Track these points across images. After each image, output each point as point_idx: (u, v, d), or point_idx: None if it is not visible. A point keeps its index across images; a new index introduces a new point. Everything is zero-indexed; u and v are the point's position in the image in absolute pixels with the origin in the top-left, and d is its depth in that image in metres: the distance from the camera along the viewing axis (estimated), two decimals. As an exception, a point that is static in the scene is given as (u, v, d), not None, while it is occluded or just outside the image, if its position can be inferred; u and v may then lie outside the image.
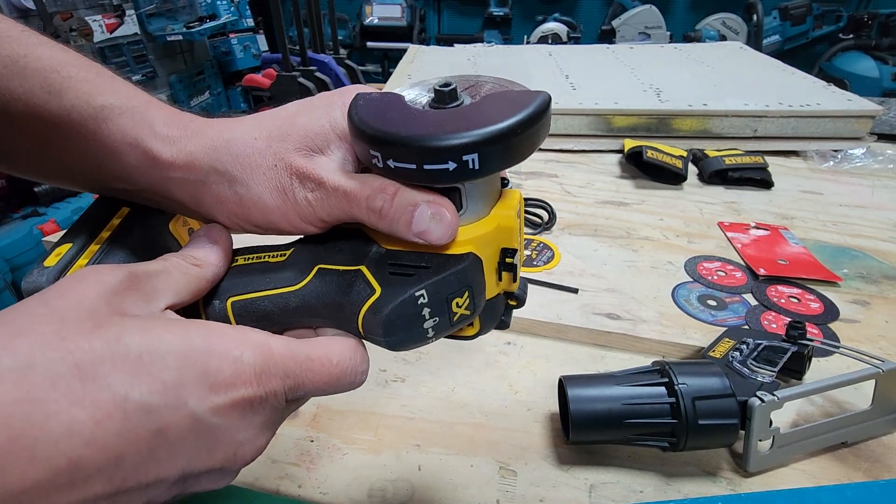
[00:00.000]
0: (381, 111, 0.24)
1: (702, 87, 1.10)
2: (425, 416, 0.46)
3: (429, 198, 0.23)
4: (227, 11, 3.11)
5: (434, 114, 0.23)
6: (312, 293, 0.26)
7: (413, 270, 0.24)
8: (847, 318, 0.58)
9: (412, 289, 0.24)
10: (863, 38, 2.96)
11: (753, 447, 0.40)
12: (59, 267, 0.26)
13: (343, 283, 0.25)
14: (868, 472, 0.41)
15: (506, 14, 3.56)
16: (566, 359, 0.53)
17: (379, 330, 0.24)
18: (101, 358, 0.18)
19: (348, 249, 0.26)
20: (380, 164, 0.23)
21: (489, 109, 0.23)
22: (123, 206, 0.28)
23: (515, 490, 0.40)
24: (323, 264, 0.26)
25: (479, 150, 0.21)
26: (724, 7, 3.30)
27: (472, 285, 0.25)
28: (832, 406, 0.47)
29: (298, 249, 0.27)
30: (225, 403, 0.20)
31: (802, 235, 0.73)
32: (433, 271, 0.24)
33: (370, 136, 0.22)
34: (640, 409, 0.39)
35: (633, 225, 0.76)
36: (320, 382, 0.23)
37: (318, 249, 0.27)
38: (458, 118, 0.22)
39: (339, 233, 0.27)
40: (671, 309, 0.59)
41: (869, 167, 0.95)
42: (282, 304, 0.26)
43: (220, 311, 0.26)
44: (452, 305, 0.25)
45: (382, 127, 0.22)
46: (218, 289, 0.26)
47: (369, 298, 0.24)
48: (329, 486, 0.40)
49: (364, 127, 0.23)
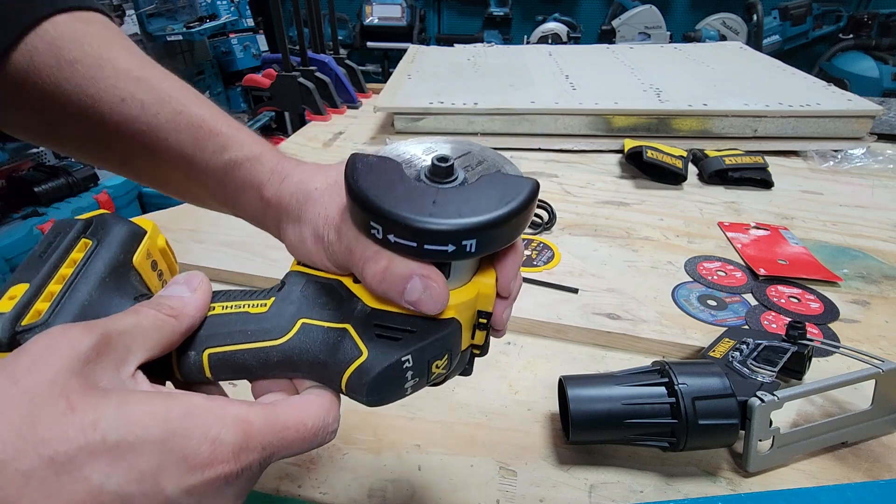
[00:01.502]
0: (381, 182, 0.24)
1: (702, 87, 1.10)
2: (425, 416, 0.46)
3: (422, 271, 0.24)
4: (227, 11, 3.11)
5: (433, 192, 0.24)
6: (295, 349, 0.25)
7: (400, 334, 0.25)
8: (847, 318, 0.58)
9: (399, 354, 0.24)
10: (863, 38, 2.96)
11: (753, 447, 0.40)
12: (14, 314, 0.23)
13: (328, 341, 0.25)
14: (868, 472, 0.41)
15: (506, 14, 3.56)
16: (566, 359, 0.53)
17: (363, 391, 0.25)
18: (77, 448, 0.17)
19: (332, 304, 0.26)
20: (379, 236, 0.23)
21: (486, 194, 0.24)
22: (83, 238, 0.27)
23: (515, 490, 0.40)
24: (307, 318, 0.26)
25: (477, 235, 0.23)
26: (724, 7, 3.30)
27: (452, 348, 0.26)
28: (832, 406, 0.47)
29: (280, 300, 0.26)
30: (201, 483, 0.20)
31: (802, 235, 0.73)
32: (418, 336, 0.25)
33: (373, 210, 0.23)
34: (640, 409, 0.39)
35: (633, 225, 0.76)
36: (294, 447, 0.23)
37: (300, 301, 0.26)
38: (457, 201, 0.23)
39: (321, 285, 0.27)
40: (671, 309, 0.59)
41: (869, 167, 0.95)
42: (262, 357, 0.25)
43: (195, 363, 0.25)
44: (433, 367, 0.26)
45: (385, 203, 0.23)
46: (194, 339, 0.25)
47: (356, 360, 0.25)
48: (329, 486, 0.40)
49: (366, 199, 0.23)
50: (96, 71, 0.29)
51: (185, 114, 0.30)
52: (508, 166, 0.26)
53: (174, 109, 0.30)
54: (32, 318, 0.23)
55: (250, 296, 0.27)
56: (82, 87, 0.29)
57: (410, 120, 1.04)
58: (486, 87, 1.12)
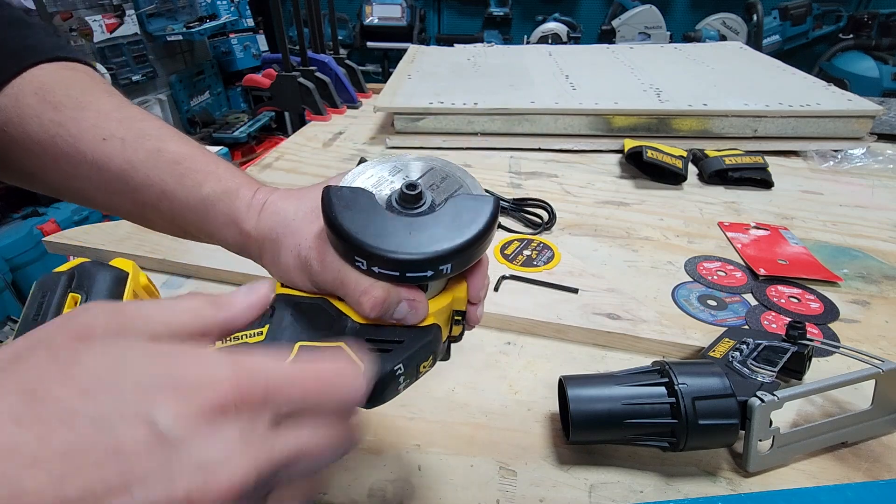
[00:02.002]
0: (358, 216, 0.27)
1: (702, 87, 1.10)
2: (425, 416, 0.46)
3: (408, 296, 0.27)
4: (227, 11, 3.11)
5: (407, 222, 0.27)
6: None
7: (390, 346, 0.28)
8: (847, 318, 0.58)
9: (392, 364, 0.27)
10: (863, 38, 2.96)
11: (753, 447, 0.40)
12: None
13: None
14: (868, 472, 0.41)
15: (506, 14, 3.56)
16: (566, 359, 0.53)
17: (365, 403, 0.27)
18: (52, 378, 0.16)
19: (323, 324, 0.28)
20: (363, 267, 0.26)
21: (455, 219, 0.27)
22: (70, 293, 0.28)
23: (515, 490, 0.40)
24: (304, 342, 0.27)
25: (451, 260, 0.26)
26: (724, 7, 3.30)
27: (435, 350, 0.29)
28: (832, 406, 0.47)
29: (274, 326, 0.28)
30: (191, 411, 0.17)
31: (802, 235, 0.73)
32: (406, 346, 0.28)
33: (357, 248, 0.26)
34: (640, 409, 0.39)
35: (633, 225, 0.76)
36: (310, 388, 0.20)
37: (294, 326, 0.28)
38: (430, 229, 0.27)
39: (308, 306, 0.29)
40: (671, 309, 0.59)
41: (869, 167, 0.95)
42: None
43: None
44: (420, 368, 0.29)
45: (367, 239, 0.26)
46: None
47: None
48: (329, 485, 0.40)
49: (349, 237, 0.26)
50: (79, 112, 0.30)
51: (163, 150, 0.31)
52: (469, 181, 0.30)
53: (153, 147, 0.31)
54: None
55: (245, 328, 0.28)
56: (66, 128, 0.30)
57: (410, 120, 1.04)
58: (486, 87, 1.12)
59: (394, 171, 0.30)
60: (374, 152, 1.02)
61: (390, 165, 0.30)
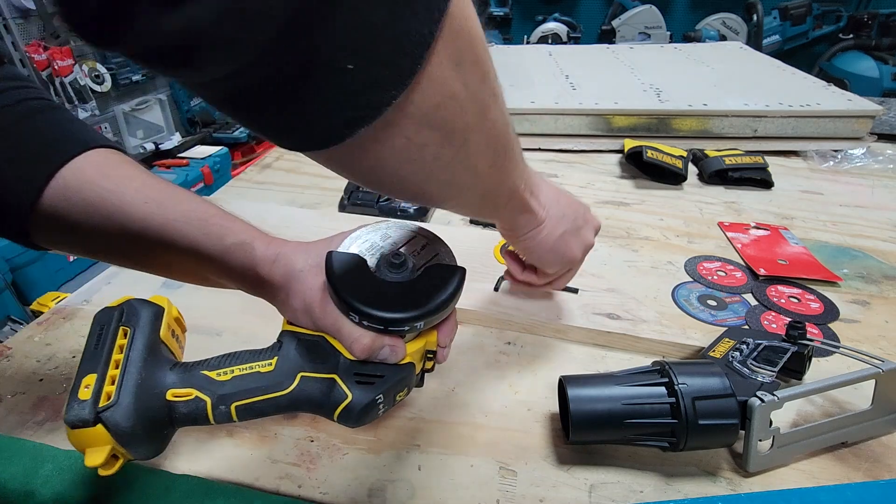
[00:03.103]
0: (353, 281, 0.34)
1: (702, 87, 1.10)
2: (425, 416, 0.46)
3: (389, 342, 0.35)
4: (227, 11, 3.11)
5: (393, 287, 0.35)
6: (299, 395, 0.35)
7: (373, 379, 0.35)
8: (847, 318, 0.58)
9: (374, 394, 0.34)
10: (863, 37, 2.96)
11: (753, 447, 0.40)
12: (93, 400, 0.31)
13: (322, 388, 0.35)
14: (868, 472, 0.41)
15: (506, 14, 3.56)
16: (566, 359, 0.53)
17: (350, 422, 0.35)
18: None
19: (320, 358, 0.35)
20: (356, 320, 0.34)
21: (428, 286, 0.35)
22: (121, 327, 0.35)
23: (515, 490, 0.40)
24: (304, 373, 0.35)
25: (423, 319, 0.34)
26: (724, 7, 3.30)
27: (409, 383, 0.37)
28: (832, 406, 0.47)
29: (281, 359, 0.35)
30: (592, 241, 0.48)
31: (802, 235, 0.73)
32: (386, 379, 0.35)
33: (351, 307, 0.33)
34: (640, 409, 0.39)
35: (633, 225, 0.76)
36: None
37: (297, 360, 0.35)
38: (409, 295, 0.35)
39: (309, 342, 0.36)
40: (671, 309, 0.59)
41: (869, 167, 0.95)
42: (274, 403, 0.35)
43: (225, 413, 0.34)
44: (397, 397, 0.37)
45: (359, 302, 0.33)
46: (224, 396, 0.34)
47: (343, 401, 0.34)
48: (329, 486, 0.40)
49: (346, 300, 0.33)
50: (125, 182, 0.37)
51: (193, 210, 0.37)
52: (444, 249, 0.38)
53: (185, 207, 0.37)
54: (104, 400, 0.31)
55: (258, 356, 0.35)
56: (115, 193, 0.36)
57: (410, 120, 1.04)
58: (486, 87, 1.12)
59: (384, 238, 0.38)
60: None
61: (381, 233, 0.38)
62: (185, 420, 0.34)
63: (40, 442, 0.42)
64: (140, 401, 0.32)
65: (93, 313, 0.36)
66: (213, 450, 0.43)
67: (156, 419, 0.33)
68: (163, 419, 0.33)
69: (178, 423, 0.34)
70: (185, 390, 0.33)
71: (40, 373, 0.50)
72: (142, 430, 0.31)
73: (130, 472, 0.39)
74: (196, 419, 0.34)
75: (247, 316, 0.56)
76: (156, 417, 0.32)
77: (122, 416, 0.31)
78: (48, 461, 0.40)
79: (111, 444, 0.31)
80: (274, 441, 0.44)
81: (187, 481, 0.39)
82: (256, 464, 0.42)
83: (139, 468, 0.40)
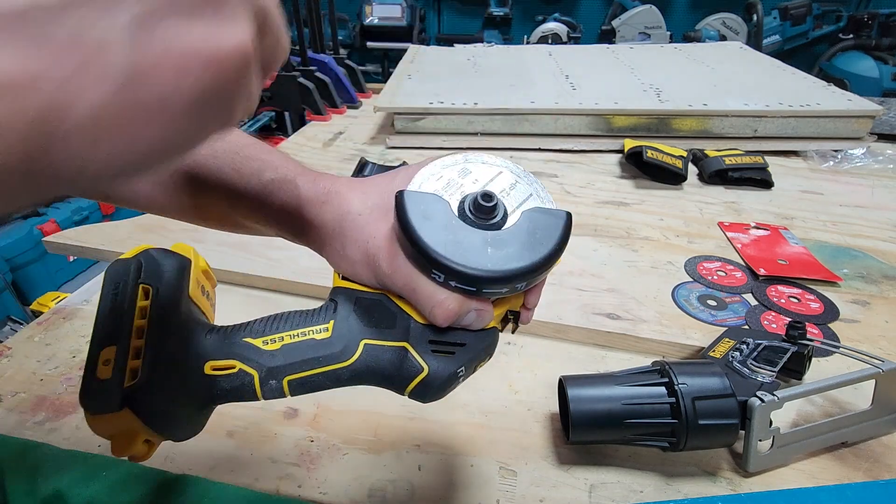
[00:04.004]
0: (435, 229, 0.26)
1: (702, 87, 1.10)
2: (425, 416, 0.46)
3: (478, 306, 0.28)
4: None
5: (485, 237, 0.27)
6: (363, 366, 0.29)
7: (453, 348, 0.29)
8: (847, 318, 0.58)
9: (455, 367, 0.28)
10: (863, 37, 2.96)
11: (753, 447, 0.40)
12: (116, 378, 0.25)
13: (392, 359, 0.29)
14: (868, 472, 0.41)
15: (506, 14, 3.55)
16: (566, 359, 0.53)
17: (427, 398, 0.29)
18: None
19: (385, 322, 0.29)
20: (440, 280, 0.27)
21: (530, 236, 0.27)
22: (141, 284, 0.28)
23: (515, 490, 0.40)
24: (368, 339, 0.29)
25: (526, 279, 0.27)
26: (724, 7, 3.30)
27: (493, 350, 0.30)
28: (832, 406, 0.47)
29: (339, 323, 0.29)
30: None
31: (802, 235, 0.73)
32: (469, 349, 0.29)
33: (436, 263, 0.26)
34: (640, 409, 0.39)
35: (633, 225, 0.76)
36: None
37: (357, 323, 0.29)
38: (507, 246, 0.27)
39: (370, 301, 0.30)
40: (671, 309, 0.59)
41: (869, 167, 0.95)
42: (334, 377, 0.29)
43: (276, 389, 0.28)
44: (478, 367, 0.30)
45: (447, 253, 0.26)
46: (275, 370, 0.28)
47: (419, 375, 0.28)
48: (329, 486, 0.40)
49: (428, 252, 0.26)
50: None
51: (220, 140, 0.31)
52: (538, 188, 0.30)
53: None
54: (130, 379, 0.25)
55: (310, 319, 0.29)
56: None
57: (410, 120, 1.04)
58: (486, 87, 1.12)
59: (463, 174, 0.30)
60: (375, 152, 1.02)
61: (459, 168, 0.30)
62: (227, 396, 0.28)
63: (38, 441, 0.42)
64: (174, 377, 0.27)
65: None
66: (214, 450, 0.43)
67: (194, 398, 0.28)
68: (202, 396, 0.28)
69: (218, 399, 0.29)
70: (227, 362, 0.28)
71: (40, 373, 0.50)
72: (178, 412, 0.27)
73: (130, 471, 0.39)
74: (242, 395, 0.28)
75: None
76: (194, 396, 0.28)
77: (153, 397, 0.26)
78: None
79: (142, 430, 0.26)
80: (274, 441, 0.44)
81: (187, 481, 0.39)
82: (256, 464, 0.42)
83: (137, 466, 0.40)
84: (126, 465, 0.34)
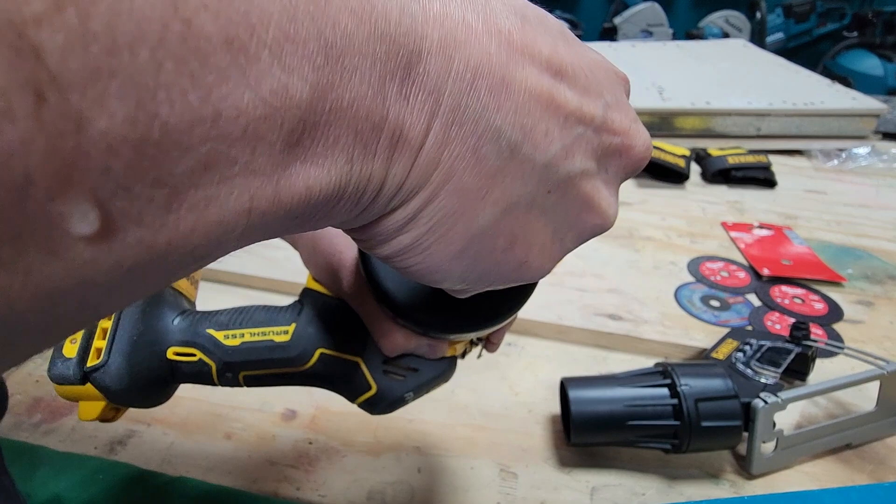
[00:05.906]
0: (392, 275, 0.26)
1: (705, 86, 1.09)
2: (425, 417, 0.46)
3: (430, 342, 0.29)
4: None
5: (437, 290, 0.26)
6: (315, 374, 0.30)
7: (405, 372, 0.30)
8: (851, 318, 0.57)
9: (402, 391, 0.29)
10: (867, 35, 2.94)
11: (757, 449, 0.39)
12: (79, 358, 0.27)
13: (344, 371, 0.30)
14: (872, 475, 0.41)
15: (508, 12, 3.55)
16: (567, 360, 0.53)
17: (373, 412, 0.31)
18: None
19: (345, 334, 0.30)
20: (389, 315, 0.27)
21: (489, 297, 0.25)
22: None
23: (516, 492, 0.40)
24: (324, 349, 0.29)
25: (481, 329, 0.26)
26: (727, 4, 3.28)
27: (448, 377, 0.31)
28: (836, 407, 0.46)
29: (300, 328, 0.30)
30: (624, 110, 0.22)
31: (806, 235, 0.73)
32: (421, 374, 0.30)
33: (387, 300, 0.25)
34: (642, 410, 0.39)
35: (635, 224, 0.75)
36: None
37: (318, 331, 0.30)
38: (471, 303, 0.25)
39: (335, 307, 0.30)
40: (674, 309, 0.58)
41: (874, 166, 0.94)
42: (287, 378, 0.30)
43: (232, 380, 0.30)
44: (430, 390, 0.31)
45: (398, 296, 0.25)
46: (231, 364, 0.29)
47: (366, 393, 0.30)
48: (328, 488, 0.40)
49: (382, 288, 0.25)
50: None
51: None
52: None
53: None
54: (94, 359, 0.27)
55: (273, 318, 0.30)
56: None
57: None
58: (487, 86, 1.12)
59: None
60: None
61: None
62: (187, 379, 0.30)
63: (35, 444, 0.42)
64: (135, 360, 0.27)
65: None
66: (211, 452, 0.43)
67: (154, 378, 0.29)
68: (163, 377, 0.29)
69: (180, 380, 0.30)
70: (189, 349, 0.29)
71: (36, 374, 0.50)
72: (137, 390, 0.28)
73: (127, 473, 0.39)
74: (200, 380, 0.30)
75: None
76: (154, 377, 0.29)
77: (112, 378, 0.27)
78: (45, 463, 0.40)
79: (104, 401, 0.27)
80: (272, 443, 0.43)
81: (185, 483, 0.39)
82: (254, 466, 0.41)
83: (134, 469, 0.39)
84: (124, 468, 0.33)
